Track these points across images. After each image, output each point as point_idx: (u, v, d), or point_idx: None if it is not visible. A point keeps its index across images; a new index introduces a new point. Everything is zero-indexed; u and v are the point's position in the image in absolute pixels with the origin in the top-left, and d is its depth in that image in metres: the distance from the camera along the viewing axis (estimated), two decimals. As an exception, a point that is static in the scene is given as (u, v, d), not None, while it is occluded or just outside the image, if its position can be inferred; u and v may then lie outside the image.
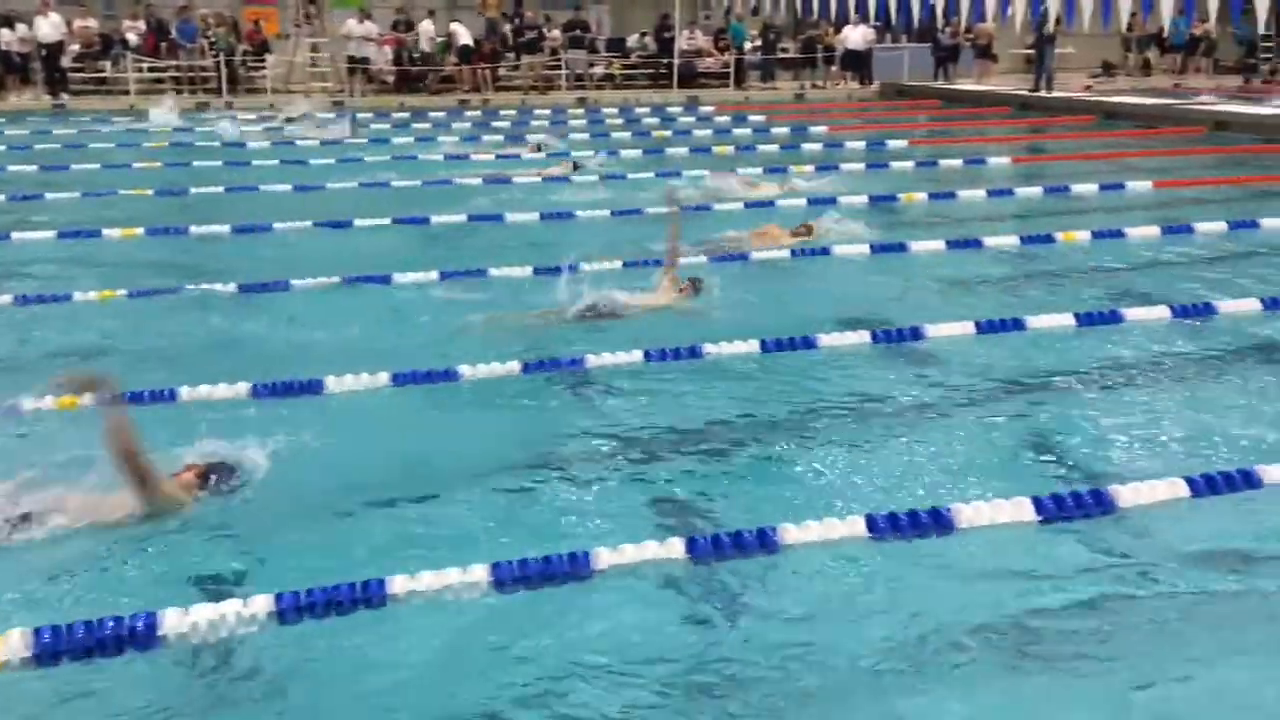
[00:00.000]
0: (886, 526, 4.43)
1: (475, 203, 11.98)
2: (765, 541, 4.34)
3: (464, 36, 24.89)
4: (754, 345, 6.77)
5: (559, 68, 25.74)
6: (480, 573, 4.07)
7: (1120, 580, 4.16)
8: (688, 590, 4.12)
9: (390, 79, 24.78)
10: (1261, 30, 26.20)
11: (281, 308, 7.92)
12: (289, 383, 6.08)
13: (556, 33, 25.99)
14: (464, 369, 6.31)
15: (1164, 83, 26.79)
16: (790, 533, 4.37)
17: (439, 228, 10.85)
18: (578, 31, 26.12)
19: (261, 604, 3.88)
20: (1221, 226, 10.31)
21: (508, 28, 25.91)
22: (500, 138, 18.27)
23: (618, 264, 8.86)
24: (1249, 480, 4.77)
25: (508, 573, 4.08)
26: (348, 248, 10.01)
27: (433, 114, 21.68)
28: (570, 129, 19.32)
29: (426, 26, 24.79)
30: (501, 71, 25.90)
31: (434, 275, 8.59)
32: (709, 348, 6.70)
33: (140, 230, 10.42)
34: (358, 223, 10.80)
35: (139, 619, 3.77)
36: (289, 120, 19.73)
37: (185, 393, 5.93)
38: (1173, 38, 28.34)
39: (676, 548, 4.29)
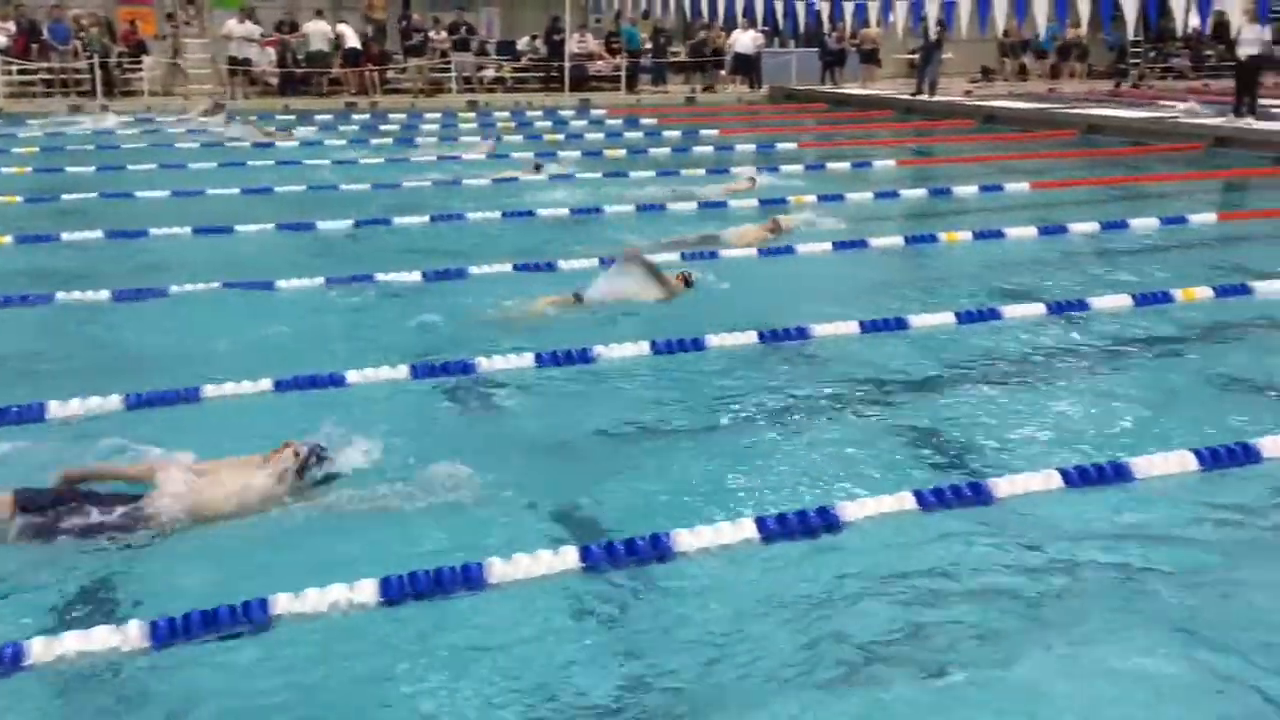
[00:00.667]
0: (776, 528, 4.47)
1: (365, 207, 11.78)
2: (659, 547, 4.34)
3: (350, 38, 24.45)
4: (644, 347, 6.79)
5: (448, 70, 25.46)
6: (368, 588, 3.98)
7: (1001, 570, 4.26)
8: (583, 598, 4.09)
9: (274, 81, 24.20)
10: (1131, 36, 27.34)
11: (157, 315, 7.67)
12: (165, 393, 5.88)
13: (444, 34, 25.72)
14: (351, 375, 6.19)
15: (1040, 87, 27.73)
16: (683, 538, 4.38)
17: (326, 232, 10.64)
18: (465, 34, 25.89)
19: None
20: (1094, 226, 10.71)
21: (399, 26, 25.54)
22: (389, 140, 18.02)
23: (508, 266, 8.85)
24: (1120, 472, 4.95)
25: (397, 587, 3.99)
26: (229, 253, 9.74)
27: (319, 117, 21.23)
28: (462, 131, 19.15)
29: (316, 26, 24.24)
30: (389, 74, 25.52)
31: (320, 281, 8.40)
32: (599, 349, 6.69)
33: (8, 238, 9.98)
34: (239, 228, 10.51)
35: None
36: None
37: (54, 408, 5.68)
38: (1041, 43, 29.42)
39: (571, 557, 4.25)
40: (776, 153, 17.13)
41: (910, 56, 26.69)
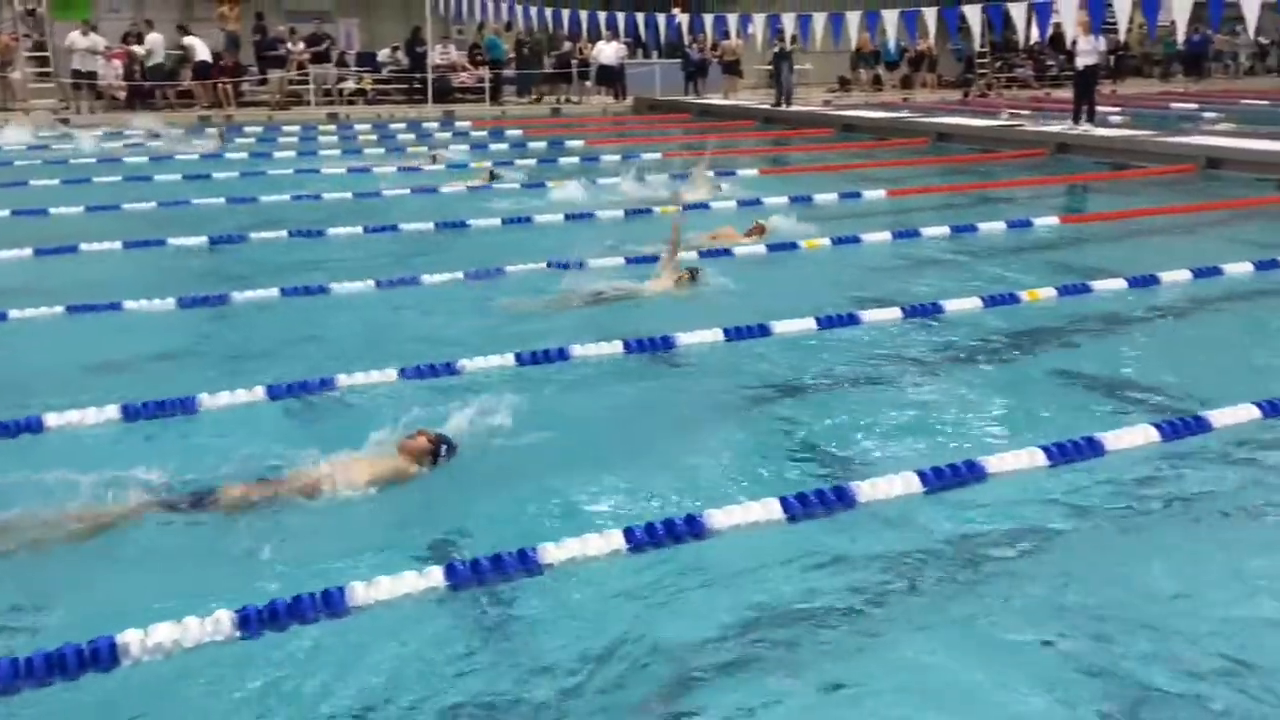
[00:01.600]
0: (644, 537, 4.48)
1: (220, 223, 11.42)
2: (526, 562, 4.30)
3: (201, 51, 23.67)
4: (509, 359, 6.74)
5: (306, 82, 24.90)
6: (225, 618, 3.84)
7: (867, 570, 4.36)
8: (450, 617, 4.03)
9: (121, 95, 23.25)
10: (977, 47, 28.48)
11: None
12: (4, 423, 5.57)
13: (301, 46, 25.14)
14: (203, 399, 5.97)
15: (894, 97, 28.66)
16: (550, 552, 4.35)
17: (179, 250, 10.27)
18: (325, 45, 25.37)
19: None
20: (945, 231, 11.09)
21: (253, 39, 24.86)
22: (245, 155, 17.52)
23: (370, 283, 8.71)
24: (974, 471, 5.12)
25: (254, 615, 3.86)
26: (72, 274, 9.32)
27: (171, 131, 20.49)
28: (323, 144, 18.74)
29: (155, 39, 23.39)
30: (245, 87, 24.81)
31: (170, 303, 8.10)
32: (463, 363, 6.61)
33: None
34: (84, 247, 10.05)
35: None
36: None
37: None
38: (889, 55, 30.43)
39: (436, 576, 4.18)
40: (642, 163, 17.25)
41: (770, 67, 27.26)
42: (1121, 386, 6.62)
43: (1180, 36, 32.62)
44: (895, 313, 7.90)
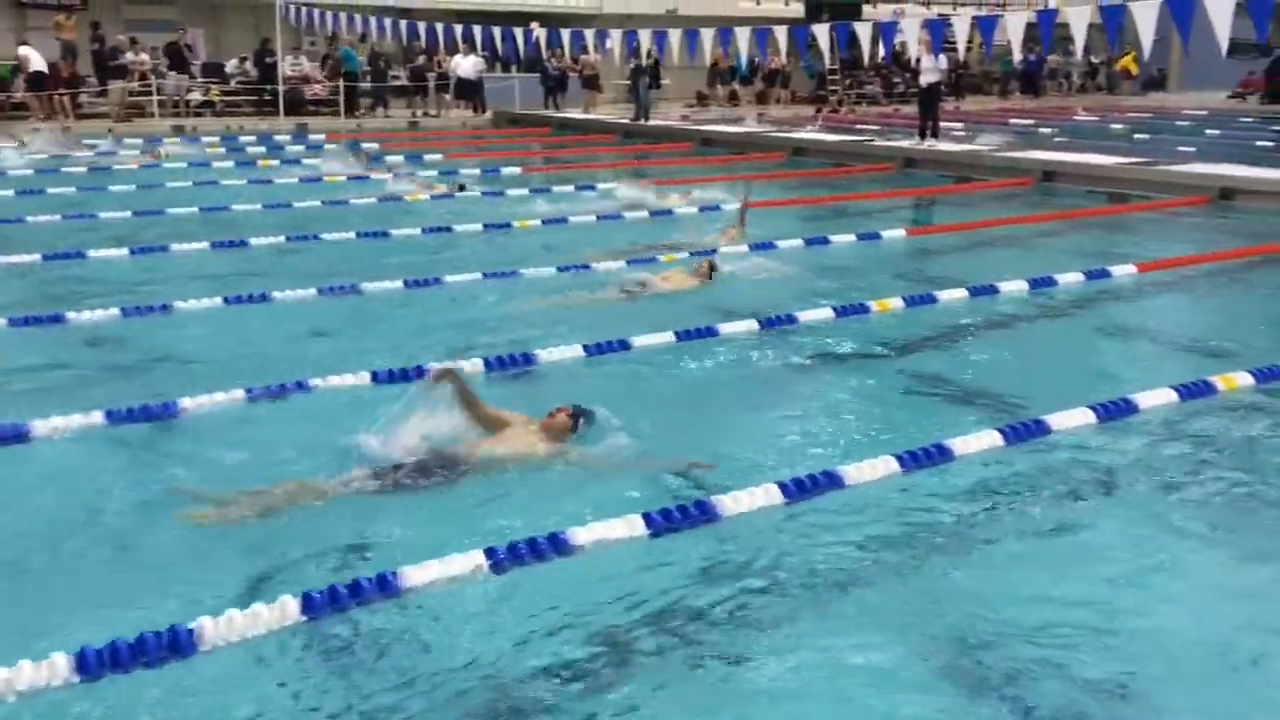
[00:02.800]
0: (506, 556, 4.43)
1: (56, 240, 10.90)
2: (385, 587, 4.21)
3: (37, 61, 22.50)
4: (364, 377, 6.60)
5: (150, 93, 23.95)
6: (61, 663, 3.63)
7: (730, 584, 4.40)
8: (304, 648, 3.91)
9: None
10: (828, 65, 29.32)
11: None
12: None
13: (145, 56, 24.18)
14: (37, 424, 5.67)
15: (750, 112, 29.26)
16: (411, 574, 4.26)
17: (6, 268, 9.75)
18: (175, 55, 24.47)
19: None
20: (799, 243, 11.35)
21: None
22: (83, 169, 16.74)
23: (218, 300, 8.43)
24: (833, 481, 5.23)
25: (94, 659, 3.66)
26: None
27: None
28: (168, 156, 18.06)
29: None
30: (84, 98, 23.71)
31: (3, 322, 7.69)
32: (316, 382, 6.44)
33: None
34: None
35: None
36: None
37: None
38: (741, 72, 31.15)
39: (291, 608, 4.04)
40: (502, 177, 17.18)
41: (628, 82, 27.51)
42: (967, 393, 6.88)
43: (1016, 56, 34.33)
44: (752, 324, 8.03)
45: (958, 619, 4.11)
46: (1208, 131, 24.44)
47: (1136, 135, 23.69)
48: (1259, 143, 22.06)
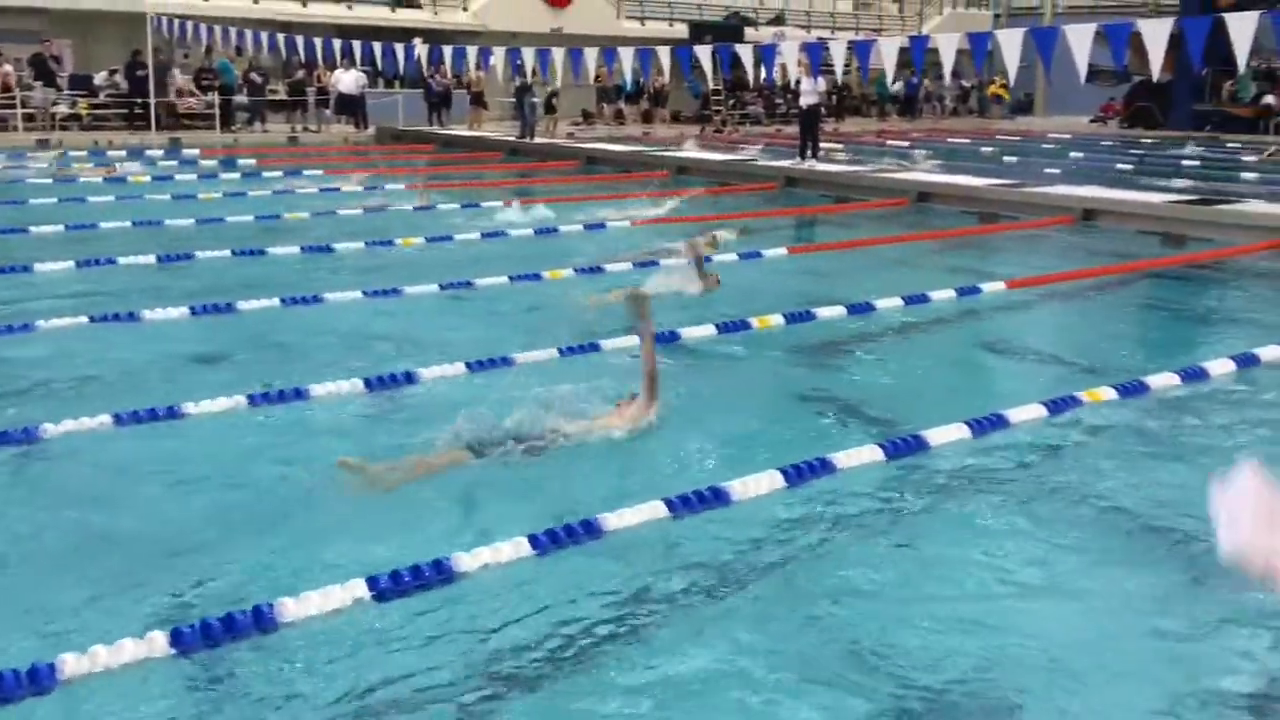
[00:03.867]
0: (389, 585, 4.35)
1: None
2: (261, 620, 4.08)
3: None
4: (240, 400, 6.42)
5: (13, 105, 22.94)
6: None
7: (619, 600, 4.39)
8: (177, 685, 3.76)
9: None
10: (710, 86, 29.77)
11: None
12: None
13: (9, 68, 23.17)
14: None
15: (636, 130, 29.50)
16: (288, 607, 4.14)
17: None
18: (34, 68, 23.51)
19: None
20: (684, 262, 11.42)
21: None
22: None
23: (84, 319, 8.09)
24: (720, 496, 5.27)
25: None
26: None
27: None
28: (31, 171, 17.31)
29: None
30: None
31: None
32: (188, 407, 6.25)
33: None
34: None
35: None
36: None
37: None
38: (625, 90, 31.46)
39: (159, 642, 3.89)
40: (385, 193, 16.93)
41: (513, 99, 27.47)
42: (849, 409, 7.02)
43: (890, 79, 35.36)
44: (633, 340, 8.04)
45: (837, 626, 4.20)
46: (1072, 154, 25.57)
47: (1006, 158, 24.63)
48: (1119, 165, 23.16)
